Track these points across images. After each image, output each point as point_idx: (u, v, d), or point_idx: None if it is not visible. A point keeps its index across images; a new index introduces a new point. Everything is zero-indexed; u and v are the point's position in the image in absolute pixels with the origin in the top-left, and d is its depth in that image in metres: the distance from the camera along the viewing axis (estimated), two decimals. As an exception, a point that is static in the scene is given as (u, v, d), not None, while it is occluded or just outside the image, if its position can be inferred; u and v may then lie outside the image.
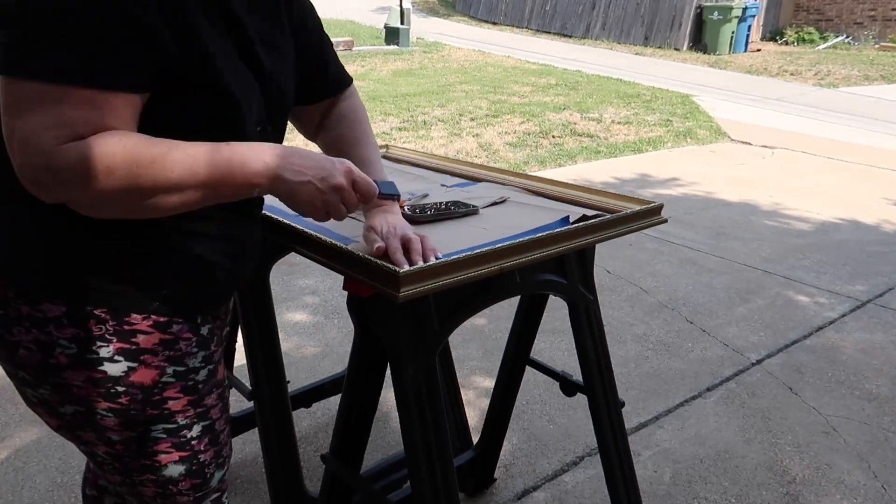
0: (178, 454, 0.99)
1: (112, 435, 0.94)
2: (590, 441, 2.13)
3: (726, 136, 6.68)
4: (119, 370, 0.91)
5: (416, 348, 1.13)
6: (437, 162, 1.74)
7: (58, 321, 0.87)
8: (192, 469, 1.01)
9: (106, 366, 0.90)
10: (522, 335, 1.70)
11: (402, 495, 1.47)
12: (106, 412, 0.92)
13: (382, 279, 1.00)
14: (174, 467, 1.00)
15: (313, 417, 2.25)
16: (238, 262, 1.01)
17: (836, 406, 2.37)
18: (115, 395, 0.91)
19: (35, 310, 0.87)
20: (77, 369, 0.89)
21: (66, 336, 0.87)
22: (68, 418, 0.94)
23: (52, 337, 0.87)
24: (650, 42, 13.41)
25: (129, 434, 0.95)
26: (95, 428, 0.94)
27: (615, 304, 3.10)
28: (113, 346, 0.89)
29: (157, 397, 0.94)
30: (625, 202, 1.36)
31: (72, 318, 0.87)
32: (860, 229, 4.18)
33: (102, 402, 0.91)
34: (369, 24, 14.03)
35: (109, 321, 0.89)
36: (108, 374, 0.90)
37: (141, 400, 0.93)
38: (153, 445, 0.97)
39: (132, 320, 0.90)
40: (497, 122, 6.79)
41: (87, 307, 0.87)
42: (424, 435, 1.16)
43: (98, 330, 0.88)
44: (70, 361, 0.88)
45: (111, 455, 0.97)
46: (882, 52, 12.70)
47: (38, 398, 0.94)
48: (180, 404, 0.97)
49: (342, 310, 2.95)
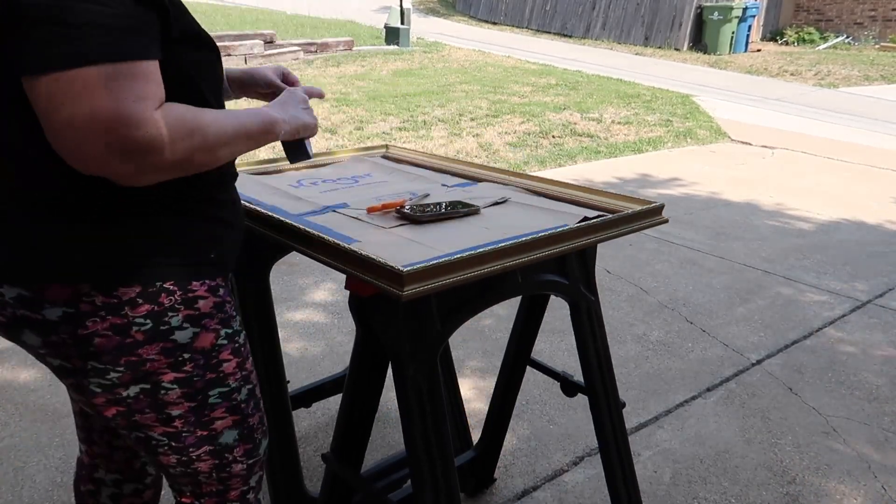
0: (232, 418, 1.06)
1: (173, 410, 1.00)
2: (590, 441, 2.13)
3: (726, 137, 6.68)
4: (186, 337, 0.97)
5: (418, 348, 1.13)
6: (437, 162, 1.74)
7: (132, 302, 0.92)
8: (243, 433, 1.09)
9: (176, 334, 0.96)
10: (523, 335, 1.70)
11: (402, 495, 1.47)
12: (171, 384, 0.98)
13: (386, 278, 1.00)
14: (229, 433, 1.06)
15: (313, 417, 2.25)
16: (242, 222, 1.11)
17: (836, 406, 2.37)
18: (181, 363, 0.98)
19: (110, 297, 0.91)
20: (152, 342, 0.95)
21: (141, 313, 0.93)
22: (130, 401, 0.97)
23: (128, 318, 0.92)
24: (650, 42, 13.41)
25: (188, 405, 1.01)
26: (157, 406, 0.99)
27: (615, 304, 3.10)
28: (181, 315, 0.96)
29: (214, 360, 1.02)
30: (625, 202, 1.36)
31: (145, 295, 0.93)
32: (860, 229, 4.18)
33: (169, 372, 0.97)
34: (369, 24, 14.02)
35: (177, 291, 0.96)
36: (177, 341, 0.97)
37: (202, 365, 1.00)
38: (210, 413, 1.03)
39: (193, 287, 0.97)
40: (497, 122, 6.79)
41: (157, 282, 0.94)
42: (425, 434, 1.16)
43: (168, 301, 0.95)
44: (145, 336, 0.94)
45: (168, 434, 1.02)
46: (882, 53, 12.70)
47: (102, 386, 0.96)
48: (231, 366, 1.05)
49: (343, 309, 2.95)
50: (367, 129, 6.18)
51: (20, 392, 2.30)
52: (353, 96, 7.57)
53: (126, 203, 0.90)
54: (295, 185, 1.55)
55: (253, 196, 1.41)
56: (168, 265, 0.95)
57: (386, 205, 1.32)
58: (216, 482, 1.10)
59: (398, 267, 0.97)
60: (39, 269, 0.90)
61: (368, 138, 5.88)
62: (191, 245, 0.98)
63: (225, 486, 1.11)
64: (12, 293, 0.91)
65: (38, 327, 0.92)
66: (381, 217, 1.29)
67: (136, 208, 0.91)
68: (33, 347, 0.95)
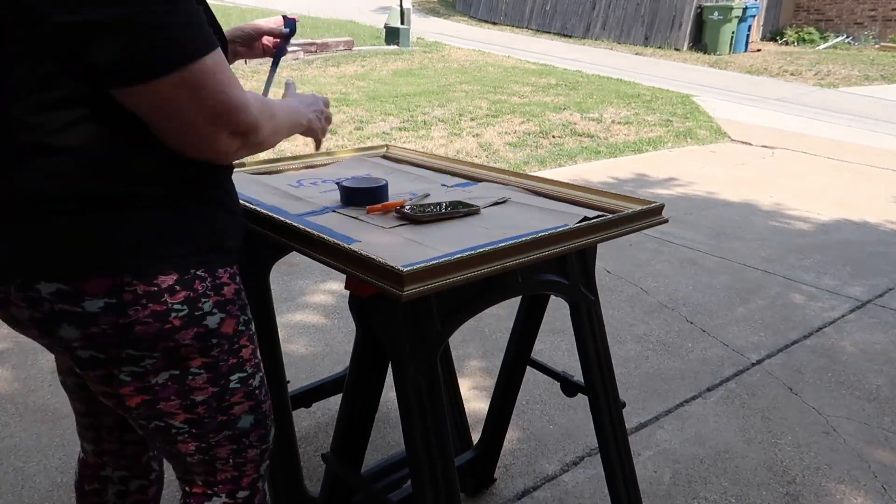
0: (248, 403, 1.10)
1: (197, 396, 1.03)
2: (590, 441, 2.13)
3: (726, 137, 6.68)
4: (215, 322, 1.02)
5: (418, 348, 1.13)
6: (437, 162, 1.74)
7: (171, 289, 0.96)
8: (258, 418, 1.12)
9: (208, 320, 1.01)
10: (523, 335, 1.70)
11: (402, 495, 1.47)
12: (198, 369, 1.02)
13: (386, 278, 1.00)
14: (246, 418, 1.10)
15: (313, 417, 2.25)
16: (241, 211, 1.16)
17: (836, 406, 2.37)
18: (210, 347, 1.02)
19: (150, 285, 0.94)
20: (188, 328, 0.98)
21: (179, 300, 0.97)
22: (158, 389, 1.00)
23: (166, 305, 0.96)
24: (650, 42, 13.40)
25: (212, 391, 1.04)
26: (183, 392, 1.02)
27: (615, 304, 3.10)
28: (211, 301, 1.01)
29: (236, 345, 1.06)
30: (625, 202, 1.36)
31: (182, 282, 0.97)
32: (860, 229, 4.18)
33: (198, 358, 1.01)
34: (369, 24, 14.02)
35: (207, 278, 1.00)
36: (208, 326, 1.01)
37: (227, 350, 1.04)
38: (230, 398, 1.07)
39: (219, 274, 1.02)
40: (497, 122, 6.79)
41: (192, 269, 0.98)
42: (425, 434, 1.16)
43: (201, 288, 0.99)
44: (182, 322, 0.98)
45: (190, 421, 1.05)
46: (882, 52, 12.70)
47: (134, 374, 0.99)
48: (248, 352, 1.09)
49: (342, 310, 2.95)
50: (367, 129, 6.18)
51: (20, 392, 2.30)
52: (353, 96, 7.57)
53: (159, 194, 0.95)
54: (295, 185, 1.55)
55: (253, 196, 1.41)
56: (199, 253, 1.00)
57: (386, 205, 1.32)
58: (231, 468, 1.13)
59: (398, 267, 0.97)
60: (79, 264, 0.92)
61: (368, 138, 5.88)
62: (215, 233, 1.03)
63: (240, 473, 1.14)
64: (50, 289, 0.92)
65: (78, 320, 0.93)
66: (381, 217, 1.29)
67: (168, 199, 0.96)
68: (67, 342, 0.96)
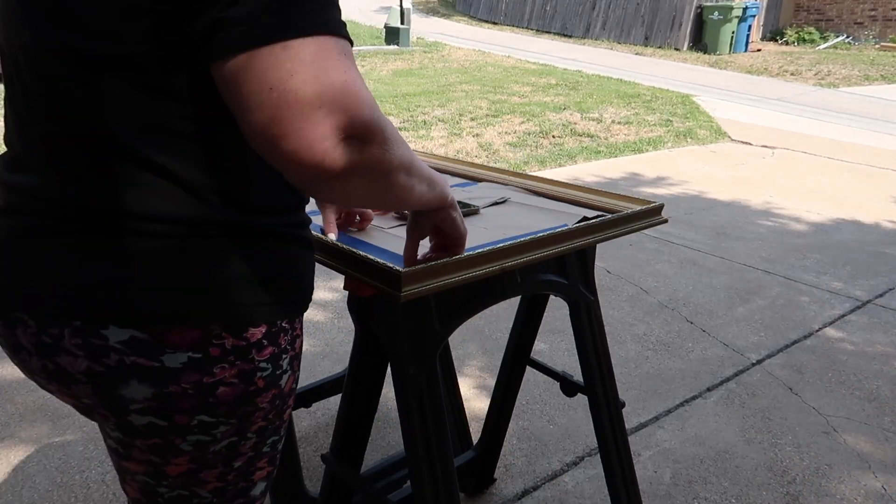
0: (267, 470, 0.93)
1: (237, 462, 0.87)
2: (590, 441, 2.13)
3: (726, 136, 6.68)
4: (286, 381, 0.86)
5: (417, 348, 1.13)
6: (437, 162, 1.74)
7: (259, 344, 0.81)
8: (267, 485, 0.97)
9: (283, 379, 0.85)
10: (523, 335, 1.70)
11: (402, 495, 1.47)
12: (253, 434, 0.86)
13: (384, 279, 1.00)
14: (261, 485, 0.94)
15: (313, 417, 2.25)
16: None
17: (836, 406, 2.37)
18: (268, 410, 0.85)
19: (240, 339, 0.79)
20: (268, 390, 0.83)
21: (265, 357, 0.82)
22: (210, 458, 0.84)
23: (254, 363, 0.81)
24: (650, 42, 13.40)
25: (249, 456, 0.88)
26: (231, 459, 0.86)
27: (615, 304, 3.10)
28: (289, 356, 0.85)
29: (286, 406, 0.90)
30: (625, 202, 1.36)
31: (269, 336, 0.82)
32: (860, 229, 4.18)
33: (260, 422, 0.85)
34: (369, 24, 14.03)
35: (289, 330, 0.85)
36: (282, 387, 0.85)
37: (279, 410, 0.88)
38: (258, 462, 0.90)
39: (296, 325, 0.87)
40: (497, 122, 6.79)
41: (278, 321, 0.83)
42: (425, 435, 1.16)
43: (284, 342, 0.84)
44: (265, 383, 0.83)
45: (217, 490, 0.88)
46: (882, 52, 12.70)
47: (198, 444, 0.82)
48: (289, 413, 0.93)
49: (343, 310, 2.95)
50: (367, 130, 6.17)
51: (20, 392, 2.30)
52: (353, 96, 7.56)
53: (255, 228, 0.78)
54: (294, 185, 1.54)
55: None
56: (284, 301, 0.83)
57: (385, 205, 1.32)
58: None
59: (396, 268, 0.97)
60: (162, 308, 0.74)
61: (368, 138, 5.88)
62: (298, 276, 0.86)
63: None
64: (122, 336, 0.74)
65: (154, 376, 0.76)
66: (381, 217, 1.29)
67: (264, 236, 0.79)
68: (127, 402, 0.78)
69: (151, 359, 0.75)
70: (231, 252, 0.76)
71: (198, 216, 0.73)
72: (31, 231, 0.75)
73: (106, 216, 0.72)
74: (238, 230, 0.76)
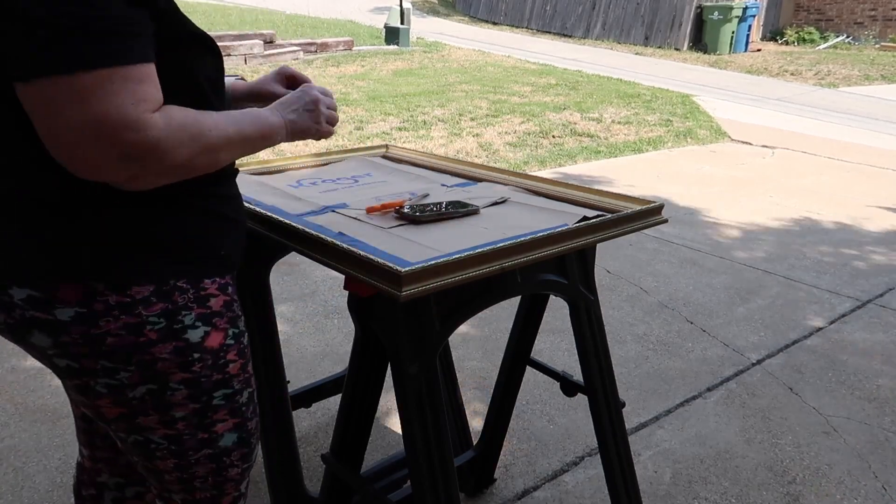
0: (233, 421, 1.05)
1: (177, 412, 0.98)
2: (590, 441, 2.13)
3: (726, 136, 6.68)
4: (198, 336, 0.97)
5: (417, 348, 1.13)
6: (437, 162, 1.74)
7: (146, 301, 0.91)
8: (242, 437, 1.07)
9: (189, 333, 0.95)
10: (523, 335, 1.70)
11: (402, 495, 1.47)
12: (178, 384, 0.97)
13: (384, 279, 1.00)
14: (228, 436, 1.05)
15: (313, 417, 2.25)
16: (244, 218, 1.10)
17: (836, 406, 2.37)
18: (191, 362, 0.96)
19: (124, 296, 0.90)
20: (165, 342, 0.94)
21: (155, 312, 0.92)
22: (136, 403, 0.96)
23: (141, 317, 0.91)
24: (650, 42, 13.40)
25: (193, 407, 0.99)
26: (162, 407, 0.97)
27: (615, 304, 3.10)
28: (194, 313, 0.96)
29: (221, 360, 1.00)
30: (625, 202, 1.36)
31: (160, 294, 0.92)
32: (860, 229, 4.18)
33: (178, 373, 0.96)
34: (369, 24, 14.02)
35: (190, 290, 0.95)
36: (189, 340, 0.96)
37: (210, 365, 0.99)
38: (212, 415, 1.02)
39: (205, 285, 0.97)
40: (497, 122, 6.79)
41: (171, 280, 0.93)
42: (425, 435, 1.16)
43: (182, 300, 0.94)
44: (159, 335, 0.93)
45: (169, 437, 1.00)
46: (882, 52, 12.70)
47: (110, 386, 0.95)
48: (236, 367, 1.03)
49: (342, 310, 2.95)
50: (367, 129, 6.18)
51: (20, 392, 2.30)
52: (353, 96, 7.57)
53: (134, 201, 0.90)
54: (294, 185, 1.55)
55: (252, 196, 1.41)
56: (180, 262, 0.95)
57: (385, 205, 1.32)
58: (211, 487, 1.08)
59: (396, 267, 0.97)
60: (51, 270, 0.89)
61: (368, 138, 5.88)
62: (199, 242, 0.97)
63: (219, 492, 1.10)
64: (21, 294, 0.90)
65: (49, 328, 0.90)
66: (381, 217, 1.29)
67: (143, 206, 0.91)
68: (41, 349, 0.94)
69: (46, 313, 0.90)
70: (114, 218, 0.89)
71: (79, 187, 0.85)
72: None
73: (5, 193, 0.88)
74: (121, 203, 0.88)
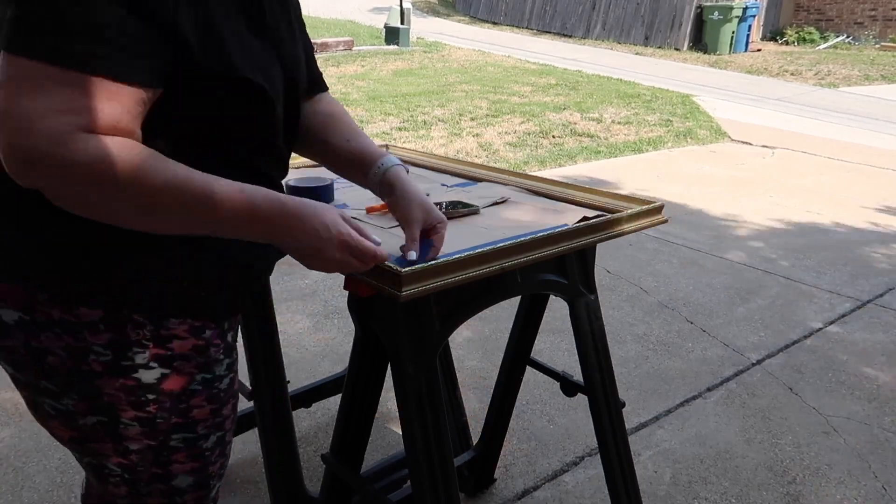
0: (191, 465, 0.96)
1: (130, 444, 0.90)
2: (590, 441, 2.13)
3: (726, 136, 6.68)
4: (153, 377, 0.87)
5: (417, 348, 1.13)
6: (437, 162, 1.74)
7: (93, 326, 0.82)
8: (199, 480, 0.99)
9: (140, 373, 0.86)
10: (523, 335, 1.70)
11: (402, 495, 1.47)
12: (131, 421, 0.88)
13: (384, 279, 1.00)
14: (184, 478, 0.97)
15: (313, 417, 2.25)
16: (264, 264, 0.99)
17: (836, 406, 2.37)
18: (144, 403, 0.88)
19: (69, 314, 0.81)
20: (111, 377, 0.85)
21: (102, 342, 0.83)
22: (87, 430, 0.89)
23: (86, 343, 0.83)
24: (650, 42, 13.40)
25: (147, 443, 0.91)
26: (115, 438, 0.90)
27: (615, 304, 3.10)
28: (149, 353, 0.86)
29: (183, 405, 0.91)
30: (625, 202, 1.35)
31: (109, 323, 0.83)
32: (860, 229, 4.18)
33: (130, 410, 0.88)
34: (369, 24, 14.03)
35: (148, 325, 0.85)
36: (141, 381, 0.87)
37: (168, 408, 0.90)
38: (169, 455, 0.94)
39: (170, 325, 0.87)
40: (497, 122, 6.79)
41: (125, 311, 0.83)
42: (424, 435, 1.16)
43: (135, 335, 0.84)
44: (104, 368, 0.84)
45: (122, 466, 0.93)
46: (882, 52, 12.70)
47: (57, 409, 0.88)
48: (203, 413, 0.94)
49: (342, 310, 2.95)
50: (367, 129, 6.18)
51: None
52: (353, 96, 7.57)
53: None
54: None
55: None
56: (143, 294, 0.83)
57: (385, 205, 1.32)
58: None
59: (396, 268, 0.97)
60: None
61: (368, 138, 5.88)
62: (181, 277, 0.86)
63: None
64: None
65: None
66: (381, 217, 1.29)
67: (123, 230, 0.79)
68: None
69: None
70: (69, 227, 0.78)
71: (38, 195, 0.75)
72: None
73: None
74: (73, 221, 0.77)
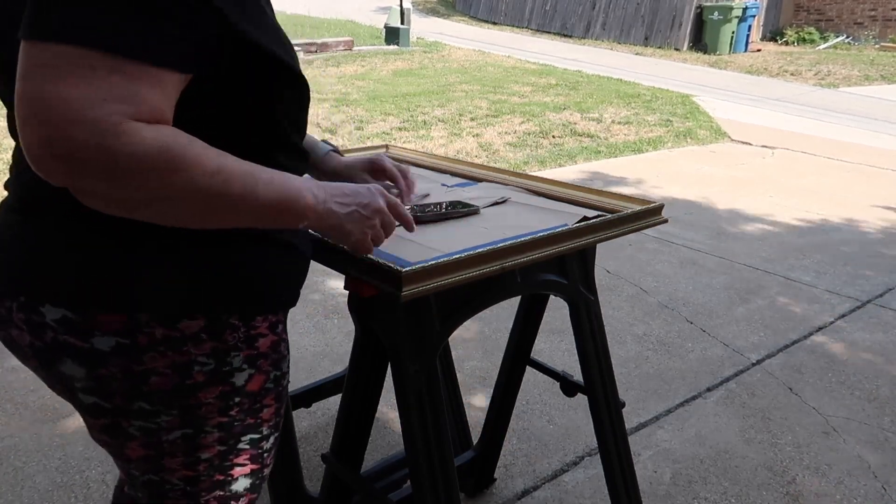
0: (251, 467, 0.95)
1: (203, 454, 0.88)
2: (590, 441, 2.13)
3: (726, 137, 6.68)
4: (243, 379, 0.87)
5: (417, 348, 1.13)
6: (437, 162, 1.74)
7: (196, 337, 0.81)
8: (254, 483, 0.98)
9: (236, 377, 0.86)
10: (523, 335, 1.70)
11: (402, 495, 1.47)
12: (213, 428, 0.87)
13: (384, 279, 1.00)
14: (243, 481, 0.95)
15: (313, 417, 2.25)
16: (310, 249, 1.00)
17: (836, 406, 2.37)
18: (230, 407, 0.86)
19: (172, 330, 0.80)
20: (212, 386, 0.84)
21: (205, 352, 0.82)
22: (167, 445, 0.86)
23: (190, 356, 0.81)
24: (650, 42, 13.40)
25: (218, 450, 0.89)
26: (192, 450, 0.87)
27: (615, 304, 3.10)
28: (242, 355, 0.86)
29: (257, 405, 0.91)
30: (625, 202, 1.35)
31: (210, 331, 0.82)
32: (860, 229, 4.18)
33: (216, 417, 0.86)
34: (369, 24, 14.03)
35: (241, 328, 0.85)
36: (235, 385, 0.86)
37: (246, 409, 0.89)
38: (234, 458, 0.92)
39: (256, 323, 0.87)
40: (497, 122, 6.79)
41: (223, 316, 0.83)
42: (425, 435, 1.16)
43: (232, 339, 0.84)
44: (206, 378, 0.83)
45: (186, 479, 0.90)
46: (882, 52, 12.70)
47: (144, 429, 0.84)
48: (269, 412, 0.93)
49: (342, 310, 2.95)
50: (367, 129, 6.18)
51: (20, 392, 2.30)
52: (353, 96, 7.57)
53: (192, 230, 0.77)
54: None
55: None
56: (234, 296, 0.83)
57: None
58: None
59: (396, 267, 0.97)
60: (90, 290, 0.77)
61: (368, 138, 5.88)
62: (262, 276, 0.86)
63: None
64: (55, 314, 0.78)
65: (84, 357, 0.79)
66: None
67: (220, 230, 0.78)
68: (68, 380, 0.82)
69: (82, 339, 0.78)
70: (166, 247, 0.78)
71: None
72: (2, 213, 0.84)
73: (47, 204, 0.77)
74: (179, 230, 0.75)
